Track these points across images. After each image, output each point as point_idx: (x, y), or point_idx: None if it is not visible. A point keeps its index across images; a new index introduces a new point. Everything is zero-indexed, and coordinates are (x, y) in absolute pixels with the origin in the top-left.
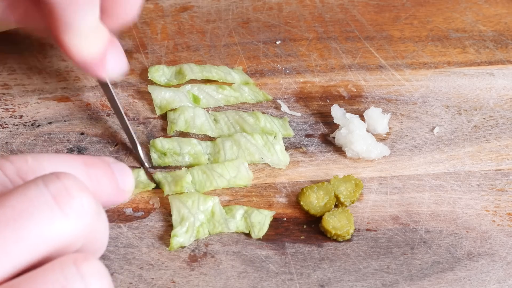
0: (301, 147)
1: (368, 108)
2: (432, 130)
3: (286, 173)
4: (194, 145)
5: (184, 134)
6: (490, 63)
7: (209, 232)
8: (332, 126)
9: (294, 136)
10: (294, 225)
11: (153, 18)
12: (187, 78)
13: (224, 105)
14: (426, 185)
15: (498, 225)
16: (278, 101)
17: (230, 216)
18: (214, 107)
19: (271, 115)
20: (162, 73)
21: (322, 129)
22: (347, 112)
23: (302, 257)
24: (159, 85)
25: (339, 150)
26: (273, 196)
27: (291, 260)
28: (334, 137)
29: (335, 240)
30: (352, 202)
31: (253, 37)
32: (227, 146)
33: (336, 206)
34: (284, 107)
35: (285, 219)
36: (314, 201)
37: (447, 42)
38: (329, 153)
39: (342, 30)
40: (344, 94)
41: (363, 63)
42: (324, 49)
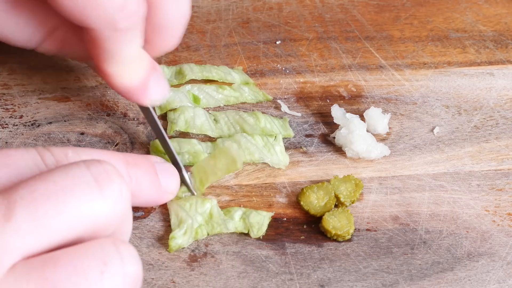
0: (301, 147)
1: (368, 108)
2: (432, 130)
3: (286, 173)
4: (194, 145)
5: (184, 134)
6: (490, 63)
7: (208, 233)
8: (332, 126)
9: (294, 136)
10: (294, 225)
11: None
12: (187, 78)
13: (224, 105)
14: (426, 185)
15: (498, 225)
16: (278, 101)
17: (229, 217)
18: (214, 107)
19: (271, 115)
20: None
21: (322, 129)
22: (347, 112)
23: (302, 257)
24: None
25: (339, 150)
26: (273, 196)
27: (291, 260)
28: (334, 137)
29: (335, 240)
30: (352, 202)
31: (253, 37)
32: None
33: (336, 206)
34: (284, 107)
35: (285, 219)
36: (314, 201)
37: (447, 42)
38: (329, 153)
39: (342, 30)
40: (344, 94)
41: (363, 63)
42: (324, 49)
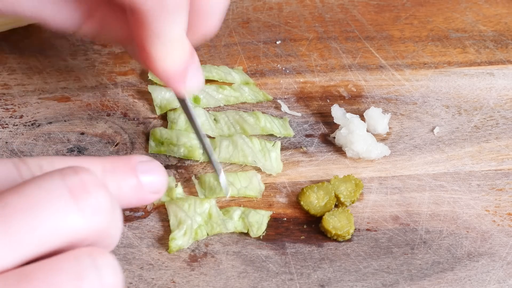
0: (301, 147)
1: (368, 108)
2: (432, 130)
3: (286, 173)
4: (191, 139)
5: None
6: (490, 63)
7: (208, 233)
8: (332, 126)
9: (294, 136)
10: (294, 225)
11: None
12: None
13: (224, 105)
14: (426, 185)
15: (498, 225)
16: (278, 101)
17: (228, 217)
18: (214, 107)
19: (271, 115)
20: None
21: (322, 129)
22: (347, 112)
23: (302, 257)
24: (159, 85)
25: (339, 150)
26: (273, 196)
27: (291, 260)
28: (334, 137)
29: (335, 240)
30: (352, 202)
31: (253, 37)
32: (224, 145)
33: (336, 206)
34: (284, 107)
35: (285, 219)
36: (314, 201)
37: (447, 42)
38: (329, 153)
39: (342, 30)
40: (344, 94)
41: (363, 63)
42: (324, 49)
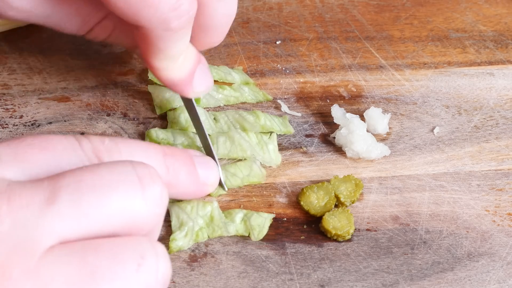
0: (301, 147)
1: (368, 108)
2: (432, 130)
3: (286, 173)
4: (189, 137)
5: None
6: (490, 63)
7: (209, 236)
8: (332, 126)
9: (294, 136)
10: (294, 225)
11: None
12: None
13: (224, 105)
14: (426, 185)
15: (498, 225)
16: (278, 101)
17: (230, 220)
18: (214, 107)
19: (271, 114)
20: None
21: (322, 129)
22: (347, 112)
23: (302, 257)
24: (159, 85)
25: (339, 150)
26: (273, 196)
27: (291, 260)
28: (334, 137)
29: (335, 240)
30: (352, 202)
31: (253, 37)
32: (221, 141)
33: (336, 206)
34: (284, 107)
35: (285, 219)
36: (314, 201)
37: (447, 42)
38: (329, 153)
39: (342, 30)
40: (344, 94)
41: (363, 63)
42: (324, 49)
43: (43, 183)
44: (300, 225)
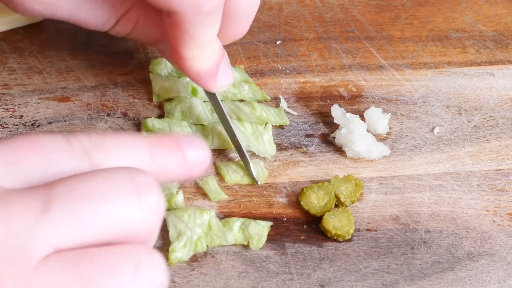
0: (301, 147)
1: (368, 108)
2: (432, 130)
3: (286, 173)
4: (184, 127)
5: None
6: (490, 63)
7: (207, 245)
8: (332, 126)
9: (294, 136)
10: (294, 225)
11: None
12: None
13: (221, 100)
14: (426, 185)
15: (498, 225)
16: (280, 96)
17: (227, 229)
18: None
19: (267, 105)
20: (164, 67)
21: (322, 129)
22: (347, 112)
23: (302, 257)
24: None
25: (339, 150)
26: (273, 196)
27: (291, 260)
28: (334, 137)
29: (335, 240)
30: (352, 202)
31: (253, 37)
32: (216, 132)
33: (336, 206)
34: (284, 103)
35: (285, 219)
36: (314, 201)
37: (447, 42)
38: (329, 153)
39: (342, 30)
40: (344, 94)
41: (363, 63)
42: (324, 49)
43: (38, 191)
44: (300, 225)
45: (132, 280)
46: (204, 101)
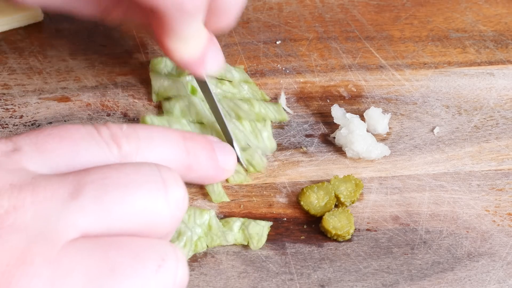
0: (301, 147)
1: (368, 108)
2: (432, 130)
3: (286, 173)
4: (184, 125)
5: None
6: (490, 63)
7: (207, 245)
8: (332, 126)
9: (294, 136)
10: (294, 225)
11: None
12: (188, 72)
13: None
14: (426, 185)
15: (498, 225)
16: (282, 92)
17: (227, 229)
18: None
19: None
20: (164, 66)
21: (322, 129)
22: (347, 112)
23: (302, 257)
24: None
25: (339, 150)
26: (273, 196)
27: (291, 260)
28: (334, 137)
29: (335, 240)
30: (352, 202)
31: (253, 37)
32: (215, 130)
33: (336, 206)
34: (283, 100)
35: (285, 219)
36: (314, 201)
37: (447, 42)
38: (329, 153)
39: (342, 30)
40: (344, 94)
41: (363, 63)
42: (324, 49)
43: (68, 178)
44: (300, 225)
45: (156, 271)
46: (203, 100)
